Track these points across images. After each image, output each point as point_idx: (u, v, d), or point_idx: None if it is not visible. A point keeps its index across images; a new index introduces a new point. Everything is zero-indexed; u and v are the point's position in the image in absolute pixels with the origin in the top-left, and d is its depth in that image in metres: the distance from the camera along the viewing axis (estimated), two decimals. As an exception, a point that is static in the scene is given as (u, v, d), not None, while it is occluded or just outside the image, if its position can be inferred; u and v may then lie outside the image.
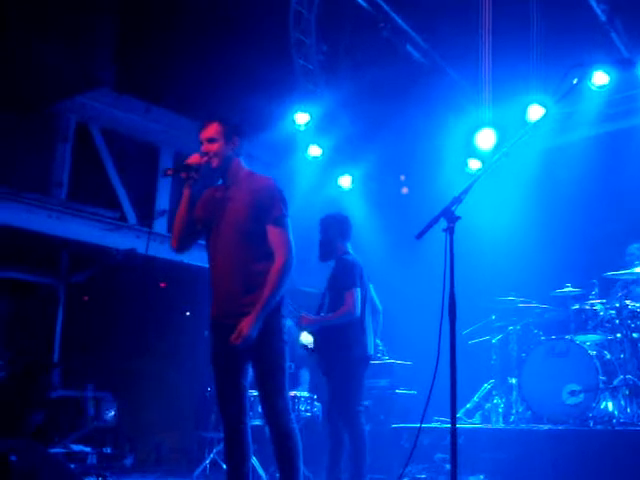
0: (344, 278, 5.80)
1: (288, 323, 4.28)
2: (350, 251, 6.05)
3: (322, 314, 5.95)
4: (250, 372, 4.29)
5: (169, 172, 4.34)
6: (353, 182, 10.09)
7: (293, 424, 4.14)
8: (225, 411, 4.24)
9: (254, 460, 7.10)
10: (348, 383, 5.77)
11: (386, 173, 10.50)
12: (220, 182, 4.43)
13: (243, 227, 4.18)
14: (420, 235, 3.85)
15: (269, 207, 4.18)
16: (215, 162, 4.27)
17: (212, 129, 4.29)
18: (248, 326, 3.98)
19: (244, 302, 4.09)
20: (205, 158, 4.26)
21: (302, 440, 4.21)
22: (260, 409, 4.47)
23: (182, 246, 4.42)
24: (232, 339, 3.99)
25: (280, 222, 4.19)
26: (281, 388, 4.14)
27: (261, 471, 7.41)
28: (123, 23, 9.44)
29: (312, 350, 6.06)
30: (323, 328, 5.85)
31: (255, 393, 5.71)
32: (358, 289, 5.75)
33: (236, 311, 4.08)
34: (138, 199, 9.86)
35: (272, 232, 4.17)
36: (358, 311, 5.71)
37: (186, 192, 4.30)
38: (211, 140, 4.27)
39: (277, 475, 4.26)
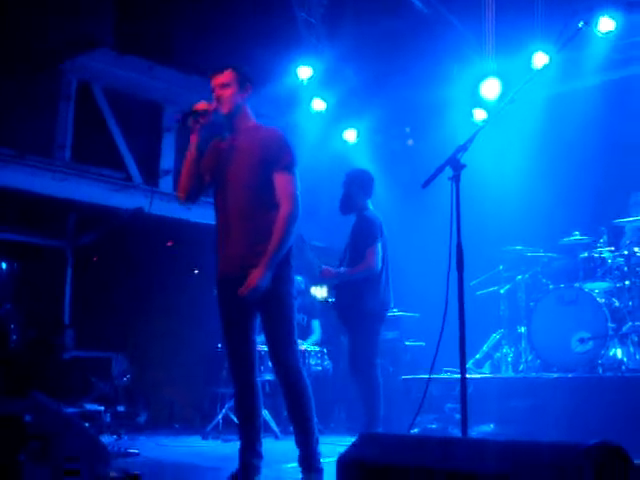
0: (365, 234, 5.88)
1: (298, 278, 4.30)
2: (370, 207, 6.10)
3: (342, 268, 5.98)
4: (259, 326, 4.31)
5: (178, 117, 4.28)
6: (358, 136, 10.03)
7: (303, 375, 4.14)
8: (235, 366, 4.25)
9: (266, 413, 7.18)
10: (366, 336, 5.86)
11: (391, 125, 10.42)
12: (227, 133, 4.38)
13: (250, 176, 4.14)
14: (426, 184, 3.84)
15: (277, 155, 4.14)
16: (226, 108, 4.24)
17: (226, 75, 4.27)
18: (257, 277, 3.96)
19: (253, 253, 4.05)
20: (214, 104, 4.22)
21: (313, 394, 4.22)
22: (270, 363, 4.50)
23: (189, 197, 4.38)
24: (241, 291, 3.97)
25: (288, 169, 4.15)
26: (289, 339, 4.13)
27: (273, 424, 7.50)
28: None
29: (330, 303, 6.15)
30: (342, 282, 5.93)
31: (265, 348, 5.78)
32: (379, 244, 5.82)
33: (244, 263, 4.06)
34: (143, 158, 9.82)
35: (279, 179, 4.12)
36: (379, 266, 5.79)
37: (193, 139, 4.25)
38: (224, 85, 4.24)
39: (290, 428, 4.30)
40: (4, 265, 10.18)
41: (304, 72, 9.18)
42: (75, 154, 9.21)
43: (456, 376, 7.00)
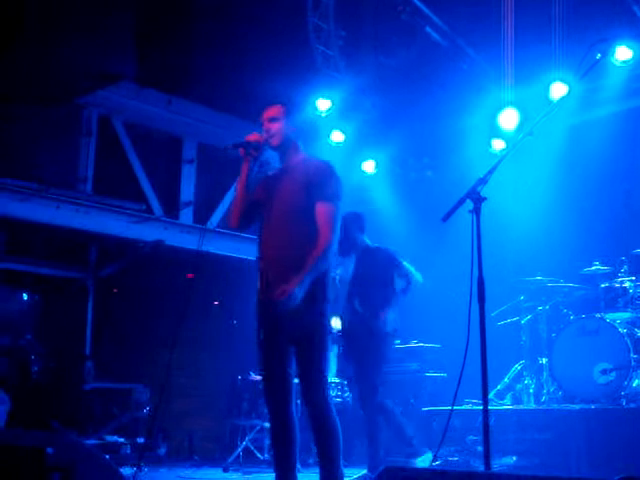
0: (387, 263, 6.35)
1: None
2: (368, 241, 6.50)
3: (356, 302, 6.21)
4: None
5: (229, 147, 4.36)
6: (377, 167, 10.06)
7: (332, 414, 4.11)
8: (271, 396, 4.24)
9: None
10: (377, 364, 6.12)
11: (409, 156, 10.45)
12: (278, 166, 4.47)
13: (294, 203, 4.20)
14: (446, 217, 3.84)
15: (321, 184, 4.19)
16: (275, 141, 4.34)
17: (275, 109, 4.38)
18: (293, 284, 3.96)
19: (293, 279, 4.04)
20: (265, 135, 4.32)
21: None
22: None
23: (240, 225, 4.46)
24: (276, 295, 3.97)
25: (330, 200, 4.19)
26: (321, 376, 4.12)
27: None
28: (142, 16, 9.46)
29: (342, 334, 6.24)
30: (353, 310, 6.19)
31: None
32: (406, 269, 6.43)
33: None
34: (163, 191, 9.91)
35: (320, 208, 4.16)
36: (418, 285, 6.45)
37: (244, 169, 4.35)
38: (273, 119, 4.35)
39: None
40: (25, 296, 10.26)
41: (323, 104, 9.24)
42: (97, 187, 9.32)
43: (478, 408, 6.97)
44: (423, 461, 6.10)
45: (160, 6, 9.38)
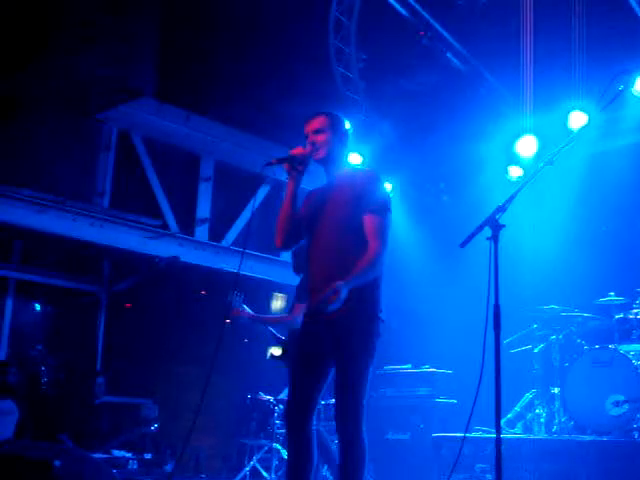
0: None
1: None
2: None
3: None
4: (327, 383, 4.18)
5: (273, 162, 4.20)
6: (393, 190, 10.05)
7: (363, 440, 3.97)
8: (292, 419, 4.12)
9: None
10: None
11: (426, 181, 10.45)
12: (324, 180, 4.36)
13: (342, 216, 4.08)
14: (464, 244, 3.83)
15: (368, 197, 4.07)
16: (322, 153, 4.20)
17: (318, 121, 4.24)
18: (337, 285, 3.79)
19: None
20: (309, 148, 4.19)
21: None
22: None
23: (285, 244, 4.31)
24: (322, 297, 3.80)
25: (377, 212, 4.07)
26: (359, 399, 3.97)
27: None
28: (164, 34, 9.55)
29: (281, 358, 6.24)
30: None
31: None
32: None
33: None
34: (179, 207, 9.95)
35: (368, 221, 4.05)
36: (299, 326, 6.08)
37: (290, 185, 4.19)
38: (317, 131, 4.21)
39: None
40: (38, 307, 10.29)
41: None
42: (114, 201, 9.37)
43: (488, 435, 6.91)
44: None
45: (181, 24, 9.47)
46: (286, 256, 8.79)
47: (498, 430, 3.64)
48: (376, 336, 4.06)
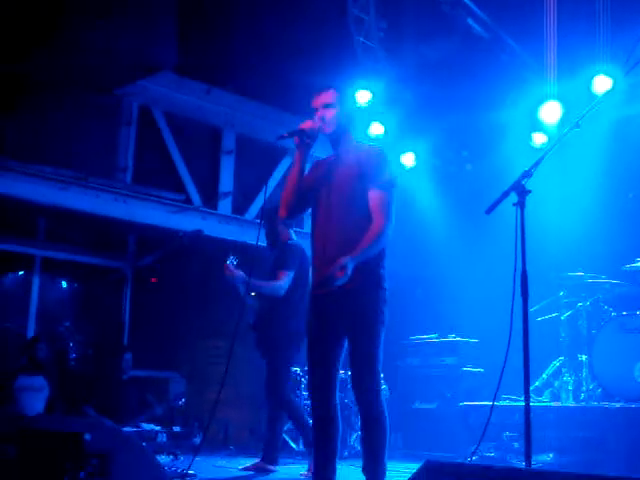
0: (284, 259, 6.27)
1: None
2: (294, 237, 6.50)
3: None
4: (343, 354, 4.24)
5: (284, 135, 4.27)
6: (416, 159, 9.99)
7: (383, 409, 4.05)
8: (316, 387, 4.19)
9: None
10: (282, 360, 6.29)
11: (449, 149, 10.37)
12: (331, 152, 4.39)
13: (349, 191, 4.13)
14: (490, 210, 3.80)
15: (374, 172, 4.12)
16: (330, 128, 4.25)
17: (328, 95, 4.27)
18: (344, 259, 3.85)
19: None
20: (319, 123, 4.22)
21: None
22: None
23: (291, 214, 4.38)
24: (330, 272, 3.86)
25: (384, 188, 4.12)
26: (375, 368, 4.04)
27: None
28: (182, 7, 9.50)
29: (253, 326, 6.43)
30: (263, 306, 6.36)
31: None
32: (292, 273, 6.22)
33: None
34: (202, 181, 9.96)
35: (374, 196, 4.10)
36: (283, 292, 6.19)
37: (298, 158, 4.26)
38: (327, 105, 4.24)
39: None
40: (64, 284, 10.38)
41: (363, 96, 9.19)
42: (136, 176, 9.39)
43: (515, 404, 6.90)
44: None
45: (200, -3, 9.42)
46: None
47: (527, 398, 3.63)
48: (384, 304, 4.12)
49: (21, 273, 9.98)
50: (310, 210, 4.37)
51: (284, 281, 6.18)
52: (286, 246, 6.38)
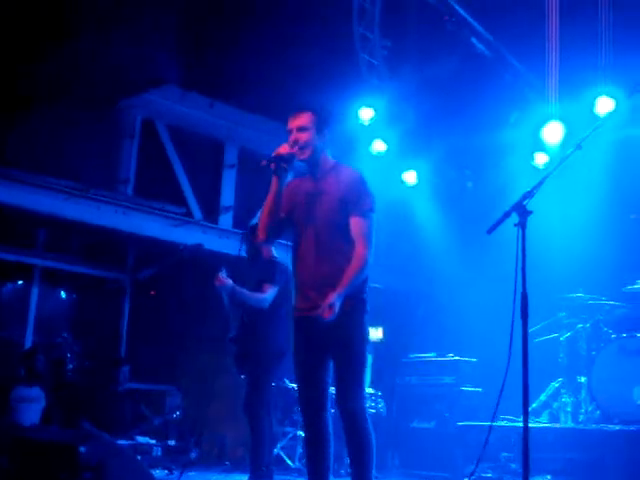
0: (270, 273, 6.26)
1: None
2: (275, 254, 6.49)
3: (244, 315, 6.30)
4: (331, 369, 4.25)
5: (263, 163, 4.19)
6: (418, 177, 9.99)
7: (368, 426, 4.05)
8: (306, 404, 4.19)
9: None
10: (265, 375, 6.20)
11: (451, 168, 10.38)
12: (307, 174, 4.33)
13: (334, 221, 4.11)
14: (491, 230, 3.80)
15: (356, 199, 4.10)
16: (305, 153, 4.16)
17: (304, 118, 4.17)
18: (331, 298, 3.87)
19: (329, 292, 3.96)
20: (295, 148, 4.14)
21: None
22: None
23: (268, 238, 4.34)
24: (316, 312, 3.90)
25: (364, 215, 4.11)
26: (359, 387, 4.07)
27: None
28: (187, 21, 9.53)
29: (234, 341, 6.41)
30: (248, 322, 6.24)
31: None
32: (277, 288, 6.21)
33: (321, 301, 3.95)
34: (203, 195, 9.95)
35: (355, 223, 4.09)
36: (267, 304, 6.15)
37: (274, 183, 4.17)
38: (301, 129, 4.15)
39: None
40: (63, 294, 10.36)
41: (366, 113, 9.21)
42: (137, 189, 9.38)
43: (513, 424, 6.86)
44: None
45: (205, 11, 9.45)
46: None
47: (526, 419, 3.60)
48: (367, 325, 4.16)
49: (20, 283, 9.96)
50: (290, 232, 4.34)
51: (269, 294, 6.17)
52: (271, 262, 6.38)
